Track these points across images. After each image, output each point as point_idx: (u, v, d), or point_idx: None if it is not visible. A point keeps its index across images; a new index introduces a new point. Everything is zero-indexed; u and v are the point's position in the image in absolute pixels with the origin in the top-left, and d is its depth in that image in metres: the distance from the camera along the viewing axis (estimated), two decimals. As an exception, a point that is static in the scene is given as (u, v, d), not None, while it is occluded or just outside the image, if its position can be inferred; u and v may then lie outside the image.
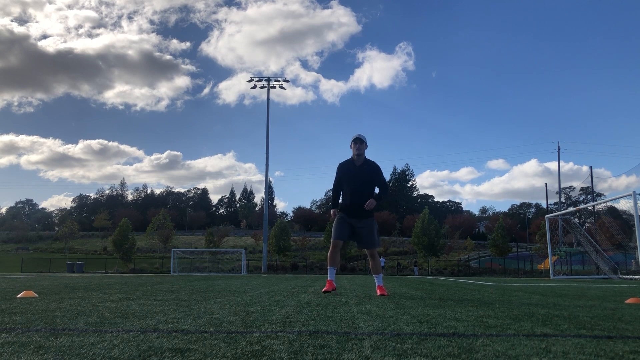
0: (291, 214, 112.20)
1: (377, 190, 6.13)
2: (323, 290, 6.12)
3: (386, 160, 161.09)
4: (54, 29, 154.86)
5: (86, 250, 75.98)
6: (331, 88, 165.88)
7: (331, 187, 6.38)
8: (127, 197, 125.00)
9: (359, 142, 5.97)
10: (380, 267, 6.36)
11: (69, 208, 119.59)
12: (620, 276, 27.90)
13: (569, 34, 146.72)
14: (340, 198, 6.25)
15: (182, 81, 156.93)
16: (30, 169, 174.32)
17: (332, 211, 6.26)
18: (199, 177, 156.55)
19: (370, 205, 5.90)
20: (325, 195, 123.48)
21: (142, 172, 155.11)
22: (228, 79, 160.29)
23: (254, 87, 56.25)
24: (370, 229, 6.11)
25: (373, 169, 6.09)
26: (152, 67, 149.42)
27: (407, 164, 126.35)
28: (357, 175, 6.01)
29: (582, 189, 77.85)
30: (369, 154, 6.25)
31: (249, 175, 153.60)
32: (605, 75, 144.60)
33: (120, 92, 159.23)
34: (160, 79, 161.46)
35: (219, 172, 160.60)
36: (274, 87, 56.14)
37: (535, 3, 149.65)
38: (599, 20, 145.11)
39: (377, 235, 6.20)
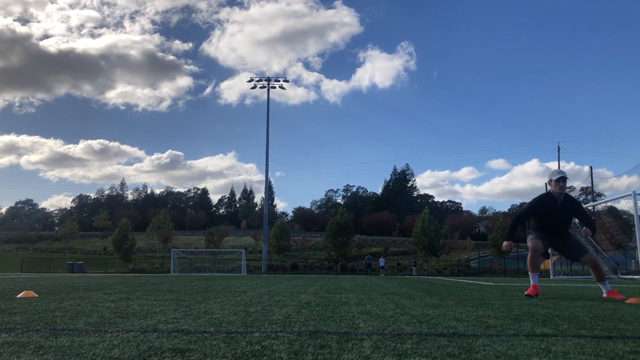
0: (291, 214, 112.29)
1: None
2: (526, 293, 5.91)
3: (387, 160, 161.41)
4: (55, 29, 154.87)
5: (86, 250, 75.97)
6: (333, 88, 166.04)
7: (332, 187, 6.36)
8: (127, 197, 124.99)
9: (562, 181, 5.79)
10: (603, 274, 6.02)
11: (69, 208, 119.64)
12: (620, 276, 27.90)
13: (569, 34, 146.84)
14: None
15: (184, 81, 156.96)
16: (30, 169, 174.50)
17: (505, 243, 6.15)
18: (200, 177, 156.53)
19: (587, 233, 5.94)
20: (325, 195, 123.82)
21: (142, 172, 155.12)
22: (230, 79, 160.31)
23: (254, 87, 56.29)
24: (574, 241, 6.06)
25: (575, 206, 5.98)
26: (154, 67, 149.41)
27: (407, 164, 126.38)
28: (560, 213, 5.87)
29: (582, 189, 77.88)
30: (370, 155, 6.23)
31: (250, 175, 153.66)
32: (606, 75, 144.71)
33: (122, 92, 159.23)
34: (162, 79, 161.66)
35: (220, 172, 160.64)
36: (274, 87, 56.18)
37: (536, 3, 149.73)
38: (600, 21, 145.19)
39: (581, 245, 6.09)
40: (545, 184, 6.08)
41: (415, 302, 5.01)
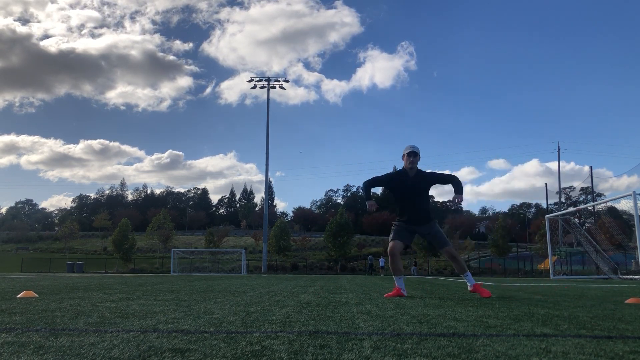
0: (291, 214, 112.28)
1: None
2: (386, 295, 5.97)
3: (387, 160, 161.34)
4: (56, 29, 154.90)
5: (86, 250, 75.97)
6: (333, 88, 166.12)
7: (332, 187, 6.39)
8: (127, 197, 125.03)
9: (413, 155, 5.92)
10: (464, 266, 6.15)
11: (69, 208, 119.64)
12: (620, 276, 27.89)
13: (570, 34, 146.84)
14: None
15: (184, 81, 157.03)
16: (30, 169, 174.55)
17: (369, 203, 6.18)
18: (200, 177, 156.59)
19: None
20: (325, 195, 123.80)
21: (142, 172, 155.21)
22: (230, 79, 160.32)
23: (254, 87, 56.29)
24: (436, 231, 6.13)
25: (426, 176, 6.08)
26: (154, 67, 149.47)
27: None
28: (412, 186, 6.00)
29: (582, 189, 77.91)
30: (370, 155, 6.25)
31: (250, 175, 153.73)
32: (606, 75, 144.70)
33: (122, 92, 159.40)
34: (162, 79, 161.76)
35: (220, 172, 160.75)
36: (274, 87, 56.18)
37: (537, 3, 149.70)
38: (600, 20, 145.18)
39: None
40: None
41: (415, 302, 5.01)
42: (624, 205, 26.39)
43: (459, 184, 6.03)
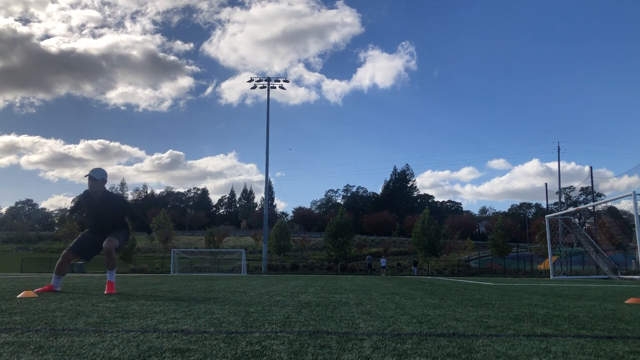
0: (291, 214, 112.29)
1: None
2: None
3: (387, 160, 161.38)
4: (56, 29, 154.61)
5: (86, 251, 75.87)
6: (334, 88, 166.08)
7: (332, 187, 6.44)
8: (127, 197, 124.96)
9: (92, 180, 6.19)
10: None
11: (69, 208, 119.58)
12: (620, 276, 27.89)
13: (570, 35, 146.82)
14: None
15: (185, 81, 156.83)
16: (30, 169, 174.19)
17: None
18: (200, 177, 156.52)
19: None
20: (325, 195, 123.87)
21: (142, 172, 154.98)
22: (230, 79, 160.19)
23: (254, 87, 56.31)
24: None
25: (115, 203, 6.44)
26: (155, 67, 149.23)
27: (407, 164, 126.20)
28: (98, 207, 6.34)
29: (582, 189, 77.91)
30: (370, 155, 6.26)
31: (250, 175, 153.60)
32: (606, 75, 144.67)
33: (122, 92, 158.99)
34: (163, 79, 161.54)
35: (220, 172, 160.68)
36: (274, 87, 56.20)
37: (537, 4, 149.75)
38: (600, 22, 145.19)
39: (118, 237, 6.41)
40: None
41: (415, 302, 5.01)
42: (624, 205, 26.42)
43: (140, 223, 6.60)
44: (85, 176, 6.19)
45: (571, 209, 55.85)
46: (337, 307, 4.17)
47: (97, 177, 6.16)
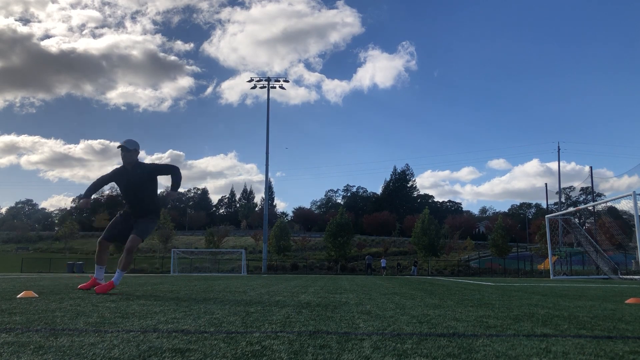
0: (291, 214, 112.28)
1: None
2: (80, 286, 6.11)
3: (387, 160, 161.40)
4: (56, 29, 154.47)
5: (86, 251, 75.86)
6: (334, 88, 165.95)
7: (332, 187, 6.40)
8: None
9: (125, 150, 6.02)
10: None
11: (69, 208, 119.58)
12: (620, 276, 27.89)
13: (570, 35, 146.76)
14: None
15: (185, 81, 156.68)
16: (30, 169, 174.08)
17: (82, 201, 6.38)
18: (200, 177, 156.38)
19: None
20: (325, 195, 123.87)
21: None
22: (231, 79, 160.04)
23: (254, 87, 56.32)
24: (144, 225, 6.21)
25: (145, 168, 6.20)
26: (155, 67, 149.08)
27: (407, 164, 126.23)
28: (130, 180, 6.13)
29: (582, 189, 77.95)
30: (370, 155, 6.25)
31: (250, 175, 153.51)
32: (606, 75, 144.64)
33: (123, 92, 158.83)
34: (163, 79, 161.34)
35: (220, 172, 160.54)
36: (274, 87, 56.19)
37: (537, 4, 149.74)
38: (600, 22, 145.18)
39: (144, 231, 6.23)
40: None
41: (415, 302, 5.01)
42: (624, 205, 26.41)
43: (176, 178, 6.22)
44: (118, 147, 5.98)
45: (571, 209, 55.86)
46: (337, 307, 4.17)
47: (130, 148, 5.99)
